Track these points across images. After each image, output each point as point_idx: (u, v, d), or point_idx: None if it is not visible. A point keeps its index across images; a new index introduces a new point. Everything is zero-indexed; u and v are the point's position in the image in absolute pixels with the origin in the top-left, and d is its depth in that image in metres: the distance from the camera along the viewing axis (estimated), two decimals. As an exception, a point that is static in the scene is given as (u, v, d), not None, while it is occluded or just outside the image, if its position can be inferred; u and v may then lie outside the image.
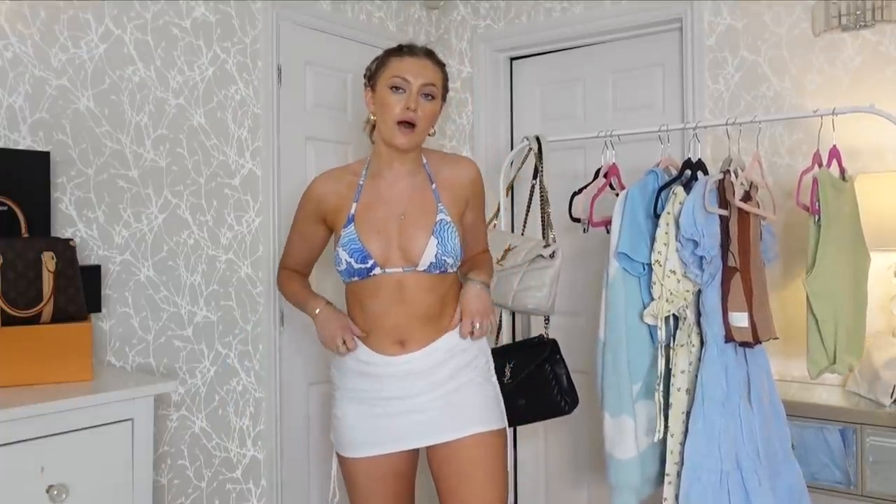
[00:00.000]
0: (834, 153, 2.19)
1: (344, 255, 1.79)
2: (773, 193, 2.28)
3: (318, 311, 1.89)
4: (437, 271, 1.80)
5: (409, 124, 1.77)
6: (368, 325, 1.83)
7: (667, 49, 3.05)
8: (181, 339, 2.55)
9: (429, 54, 1.84)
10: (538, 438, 3.28)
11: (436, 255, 1.78)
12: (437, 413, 1.82)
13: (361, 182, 1.88)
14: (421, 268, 1.78)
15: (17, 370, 1.80)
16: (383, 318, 1.81)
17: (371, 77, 1.87)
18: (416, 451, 1.91)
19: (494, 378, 1.93)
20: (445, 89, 1.87)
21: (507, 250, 2.53)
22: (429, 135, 1.87)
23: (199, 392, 2.60)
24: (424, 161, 1.91)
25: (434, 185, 1.87)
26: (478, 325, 1.84)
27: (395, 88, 1.78)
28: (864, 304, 2.26)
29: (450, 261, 1.80)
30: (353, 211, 1.83)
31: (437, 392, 1.82)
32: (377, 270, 1.78)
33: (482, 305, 1.86)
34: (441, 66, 1.86)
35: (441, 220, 1.81)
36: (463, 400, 1.83)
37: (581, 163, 3.21)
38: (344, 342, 1.84)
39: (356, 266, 1.78)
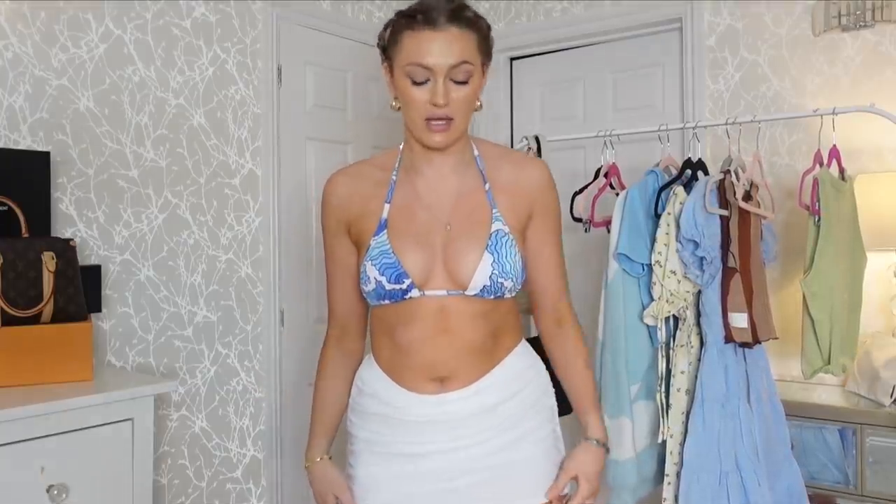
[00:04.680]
0: (834, 153, 2.19)
1: (373, 273, 1.35)
2: (771, 193, 2.28)
3: (309, 465, 1.50)
4: (492, 296, 1.37)
5: (441, 119, 1.32)
6: (398, 360, 1.40)
7: (667, 49, 3.05)
8: (181, 339, 2.55)
9: (454, 17, 1.30)
10: (538, 438, 3.28)
11: (490, 277, 1.34)
12: (488, 477, 1.39)
13: (394, 178, 1.43)
14: (471, 292, 1.35)
15: (17, 370, 1.80)
16: (418, 350, 1.38)
17: (385, 50, 1.38)
18: None
19: (559, 428, 1.50)
20: (487, 52, 1.37)
21: (507, 250, 2.53)
22: (474, 110, 1.40)
23: (199, 392, 2.60)
24: (476, 153, 1.45)
25: (488, 186, 1.41)
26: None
27: (416, 80, 1.31)
28: (859, 304, 2.26)
29: (508, 284, 1.36)
30: (384, 215, 1.39)
31: (489, 447, 1.39)
32: (414, 293, 1.35)
33: (597, 481, 1.45)
34: (473, 25, 1.33)
35: (498, 230, 1.37)
36: (522, 461, 1.41)
37: (581, 163, 3.21)
38: None
39: (388, 287, 1.35)
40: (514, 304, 1.46)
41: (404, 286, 1.35)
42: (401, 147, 1.46)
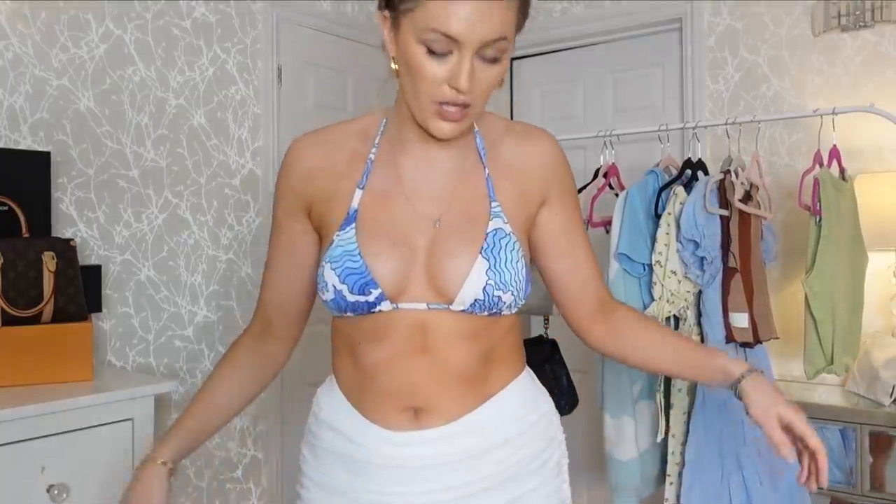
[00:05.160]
0: (834, 153, 2.19)
1: (332, 279, 1.05)
2: (769, 193, 2.28)
3: (142, 463, 1.14)
4: (486, 313, 1.07)
5: (457, 106, 1.01)
6: (362, 383, 1.10)
7: (667, 49, 3.05)
8: (181, 338, 2.55)
9: None
10: (538, 438, 3.28)
11: (484, 289, 1.04)
12: None
13: (373, 154, 1.12)
14: (458, 306, 1.06)
15: (18, 370, 1.80)
16: (386, 370, 1.08)
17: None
18: None
19: (567, 487, 1.20)
20: (525, 17, 1.04)
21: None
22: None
23: (199, 392, 2.60)
24: (475, 129, 1.15)
25: (487, 172, 1.12)
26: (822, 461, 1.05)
27: (434, 51, 0.97)
28: (861, 304, 2.26)
29: (507, 298, 1.06)
30: (355, 203, 1.08)
31: None
32: (385, 305, 1.06)
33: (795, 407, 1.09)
34: None
35: (496, 229, 1.07)
36: None
37: (581, 163, 3.21)
38: None
39: (350, 298, 1.05)
40: (515, 321, 1.15)
41: (371, 298, 1.05)
42: (385, 114, 1.14)
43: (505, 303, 1.06)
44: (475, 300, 1.05)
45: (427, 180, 1.10)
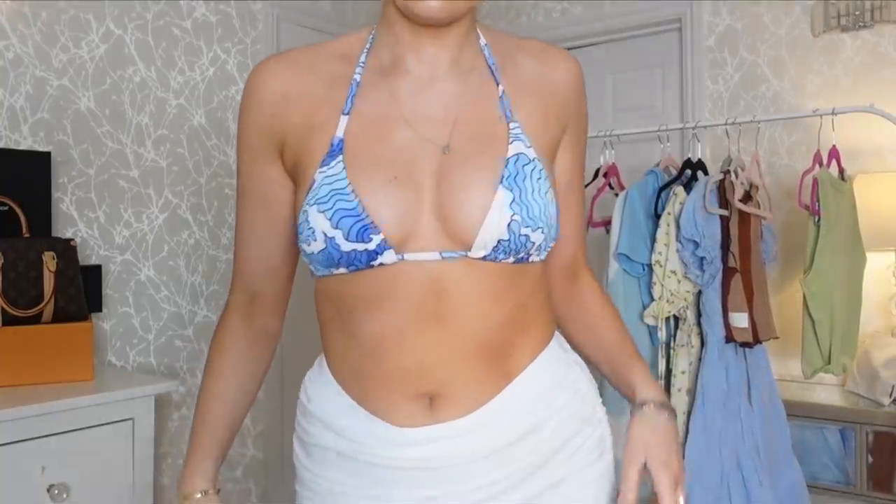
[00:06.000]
0: (833, 153, 2.19)
1: (321, 224, 0.84)
2: (769, 193, 2.28)
3: (184, 502, 0.96)
4: (512, 259, 0.86)
5: None
6: (361, 364, 0.89)
7: (666, 49, 3.05)
8: (182, 338, 2.55)
9: None
10: (538, 438, 3.28)
11: (510, 227, 0.84)
12: None
13: (358, 75, 0.91)
14: (478, 252, 0.85)
15: (18, 370, 1.80)
16: (393, 348, 0.86)
17: None
18: None
19: (612, 471, 1.06)
20: None
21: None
22: None
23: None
24: (483, 42, 0.95)
25: (501, 89, 0.91)
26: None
27: None
28: (859, 304, 2.27)
29: (537, 237, 0.86)
30: (340, 132, 0.87)
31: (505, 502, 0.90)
32: (388, 256, 0.84)
33: (677, 460, 0.99)
34: None
35: (518, 154, 0.87)
36: None
37: (581, 163, 3.21)
38: None
39: (346, 247, 0.83)
40: (543, 273, 0.94)
41: (371, 246, 0.83)
42: (372, 30, 0.94)
43: (534, 243, 0.86)
44: (499, 241, 0.84)
45: (428, 102, 0.89)
